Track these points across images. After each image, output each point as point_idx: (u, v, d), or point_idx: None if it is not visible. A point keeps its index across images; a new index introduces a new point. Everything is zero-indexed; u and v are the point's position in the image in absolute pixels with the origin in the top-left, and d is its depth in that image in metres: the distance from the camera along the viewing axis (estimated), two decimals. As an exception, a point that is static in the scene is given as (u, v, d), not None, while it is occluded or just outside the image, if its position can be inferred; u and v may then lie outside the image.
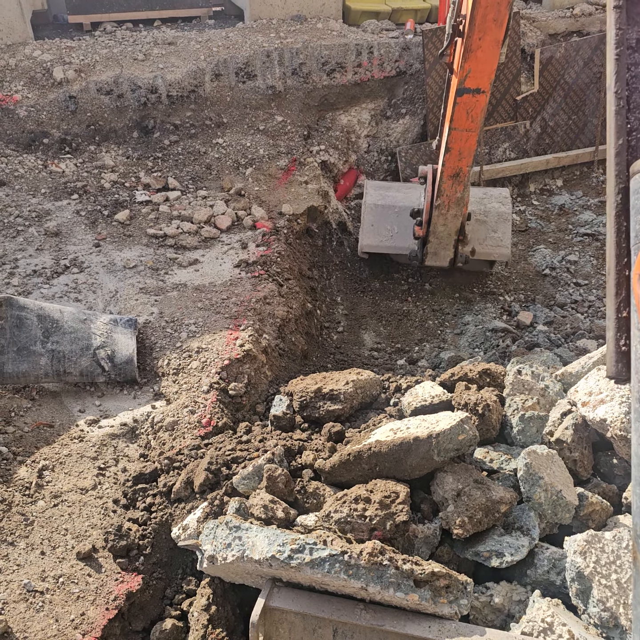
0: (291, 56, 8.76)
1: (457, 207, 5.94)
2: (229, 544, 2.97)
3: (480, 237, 6.83)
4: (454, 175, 5.63)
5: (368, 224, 7.04)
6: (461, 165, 5.53)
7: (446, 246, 6.40)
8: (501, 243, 6.88)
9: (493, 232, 6.88)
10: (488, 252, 6.87)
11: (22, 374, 4.54)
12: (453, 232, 6.23)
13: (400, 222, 6.94)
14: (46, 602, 3.25)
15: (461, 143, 5.32)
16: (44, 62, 8.30)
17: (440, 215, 6.06)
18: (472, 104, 5.02)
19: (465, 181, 5.68)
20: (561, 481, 3.29)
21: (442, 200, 5.89)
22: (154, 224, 6.69)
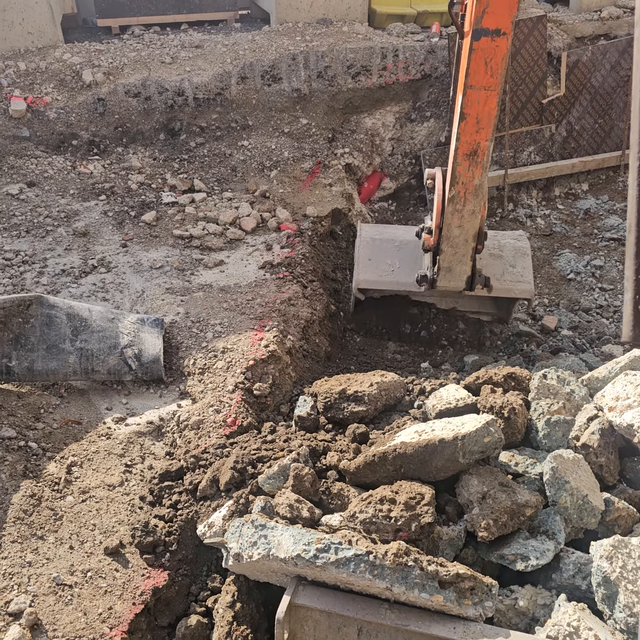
0: (316, 59, 8.80)
1: (475, 198, 4.86)
2: (254, 542, 3.00)
3: (497, 273, 5.75)
4: (470, 154, 4.63)
5: (365, 258, 5.98)
6: (479, 138, 4.54)
7: (462, 258, 5.22)
8: (522, 278, 5.82)
9: (511, 267, 5.88)
10: (507, 288, 5.78)
11: (52, 371, 4.61)
12: (470, 236, 5.10)
13: (402, 256, 5.92)
14: (75, 596, 3.31)
15: (479, 107, 4.39)
16: (74, 65, 8.44)
17: (455, 213, 4.97)
18: (491, 51, 4.18)
19: (484, 162, 4.66)
20: (587, 486, 3.28)
21: (456, 190, 4.83)
22: (180, 225, 6.77)
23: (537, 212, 9.22)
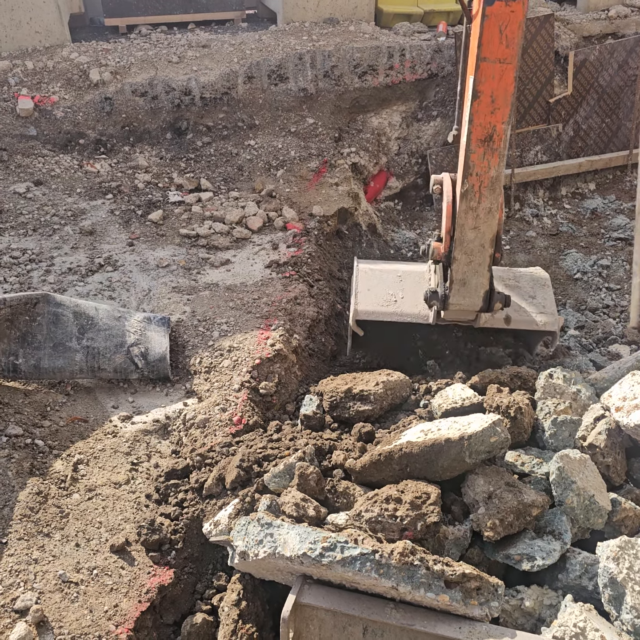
0: (323, 59, 8.80)
1: (492, 194, 4.21)
2: (260, 540, 3.01)
3: (514, 304, 5.02)
4: (485, 139, 4.03)
5: (363, 288, 5.27)
6: (495, 120, 3.97)
7: (478, 268, 4.48)
8: (544, 310, 5.08)
9: (530, 297, 5.16)
10: (527, 320, 5.04)
11: (58, 369, 4.63)
12: (487, 241, 4.38)
13: (406, 286, 5.24)
14: (81, 593, 3.31)
15: (494, 83, 3.85)
16: (81, 64, 8.46)
17: (468, 211, 4.28)
18: (505, 17, 3.72)
19: (501, 149, 4.06)
20: (594, 486, 3.27)
21: (470, 184, 4.19)
22: (186, 224, 6.77)
23: (544, 211, 9.19)
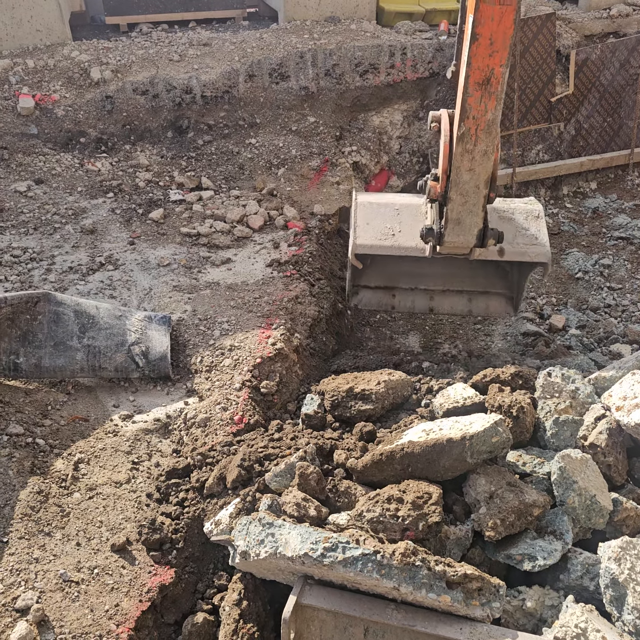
0: (324, 57, 8.79)
1: (488, 137, 4.21)
2: (262, 540, 3.00)
3: (509, 236, 5.19)
4: (483, 82, 3.96)
5: (362, 222, 5.44)
6: (493, 63, 3.88)
7: (473, 208, 4.59)
8: (537, 241, 5.27)
9: (524, 229, 5.37)
10: (521, 251, 5.26)
11: (59, 368, 4.62)
12: (482, 182, 4.46)
13: (403, 220, 5.39)
14: (81, 592, 3.31)
15: (493, 25, 3.74)
16: (82, 63, 8.45)
17: (464, 154, 4.31)
18: None
19: (498, 92, 4.00)
20: (595, 486, 3.26)
21: (467, 127, 4.17)
22: (187, 222, 6.77)
23: (545, 210, 9.17)
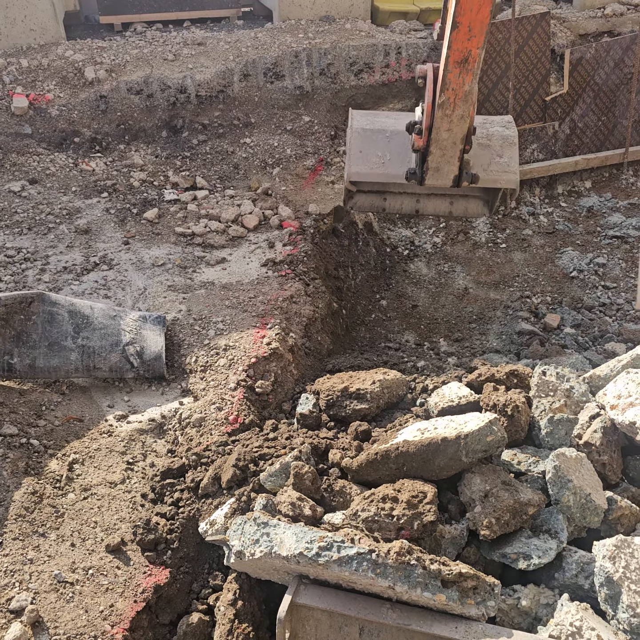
0: (319, 56, 8.78)
1: (465, 104, 4.88)
2: (256, 540, 3.00)
3: (484, 163, 5.78)
4: (461, 61, 4.58)
5: (356, 150, 5.95)
6: (470, 46, 4.47)
7: (450, 159, 5.37)
8: (508, 168, 5.86)
9: (498, 157, 5.88)
10: (494, 178, 5.83)
11: (53, 368, 4.61)
12: (459, 139, 5.21)
13: (392, 148, 5.92)
14: (76, 593, 3.30)
15: (472, 15, 4.29)
16: (76, 62, 8.42)
17: (444, 117, 5.01)
18: None
19: (474, 69, 4.63)
20: (590, 484, 3.27)
21: (447, 96, 4.83)
22: (182, 222, 6.76)
23: (540, 209, 9.19)
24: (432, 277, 7.77)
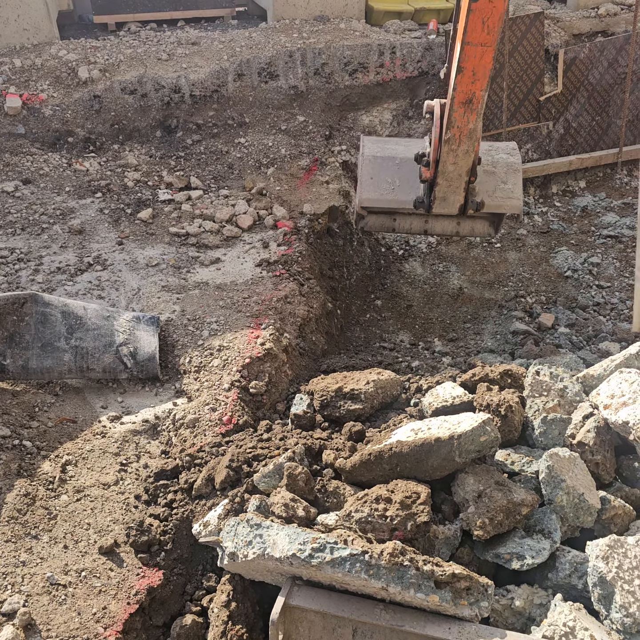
0: (313, 56, 8.77)
1: (469, 140, 5.24)
2: (250, 541, 2.99)
3: (489, 189, 6.14)
4: (466, 102, 4.94)
5: (367, 176, 6.28)
6: (474, 88, 4.84)
7: (456, 189, 5.75)
8: (512, 194, 6.19)
9: (503, 183, 6.21)
10: (498, 204, 6.18)
11: (46, 369, 4.59)
12: (464, 172, 5.57)
13: (402, 174, 6.24)
14: (69, 596, 3.29)
15: (475, 60, 4.66)
16: (70, 62, 8.40)
17: (450, 152, 5.36)
18: (488, 11, 4.40)
19: (478, 109, 5.00)
20: (583, 484, 3.27)
21: (452, 133, 5.21)
22: (176, 222, 6.74)
23: (535, 209, 9.20)
24: (427, 277, 7.78)
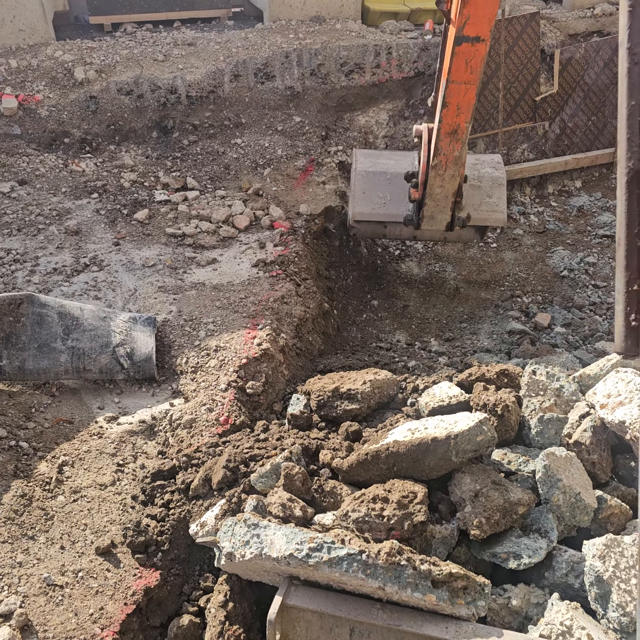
0: (310, 57, 8.78)
1: (455, 166, 5.62)
2: (247, 541, 2.99)
3: (475, 203, 6.55)
4: (451, 133, 5.32)
5: (359, 191, 6.65)
6: (459, 121, 5.21)
7: (443, 209, 6.13)
8: (497, 208, 6.58)
9: (488, 197, 6.61)
10: (484, 217, 6.58)
11: (43, 370, 4.59)
12: (450, 193, 5.95)
13: (393, 189, 6.61)
14: (66, 596, 3.28)
15: (459, 97, 5.01)
16: (65, 63, 8.39)
17: (437, 176, 5.75)
18: (471, 54, 4.73)
19: (463, 139, 5.37)
20: (580, 484, 3.28)
21: (439, 160, 5.58)
22: (172, 223, 6.74)
23: (531, 209, 9.22)
24: (423, 277, 7.78)
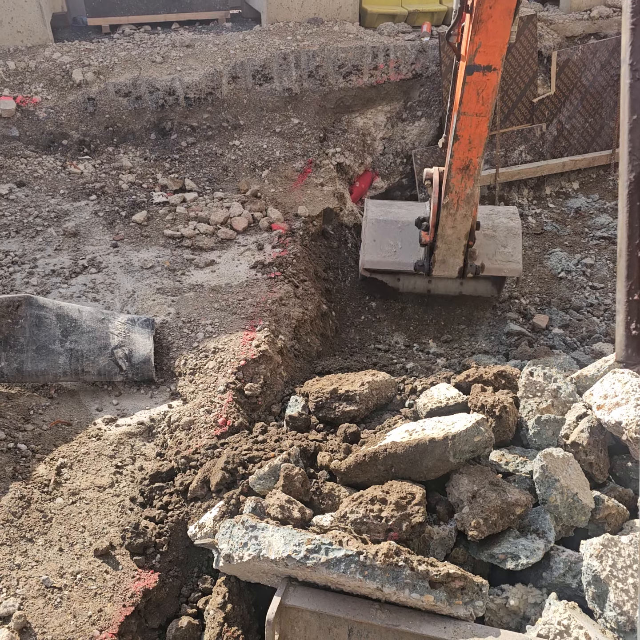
0: (307, 59, 8.79)
1: (467, 205, 5.52)
2: (245, 543, 2.99)
3: (489, 252, 6.40)
4: (463, 168, 5.22)
5: (370, 239, 6.61)
6: (471, 156, 5.10)
7: (455, 252, 6.00)
8: (512, 258, 6.43)
9: (503, 247, 6.45)
10: (498, 267, 6.41)
11: (41, 372, 4.59)
12: (462, 235, 5.83)
13: (403, 237, 6.54)
14: (64, 598, 3.29)
15: (471, 130, 4.92)
16: (64, 64, 8.39)
17: (448, 216, 5.64)
18: (482, 84, 4.63)
19: (475, 175, 5.27)
20: (577, 484, 3.29)
21: (450, 198, 5.48)
22: (171, 225, 6.74)
23: (528, 211, 9.24)
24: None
